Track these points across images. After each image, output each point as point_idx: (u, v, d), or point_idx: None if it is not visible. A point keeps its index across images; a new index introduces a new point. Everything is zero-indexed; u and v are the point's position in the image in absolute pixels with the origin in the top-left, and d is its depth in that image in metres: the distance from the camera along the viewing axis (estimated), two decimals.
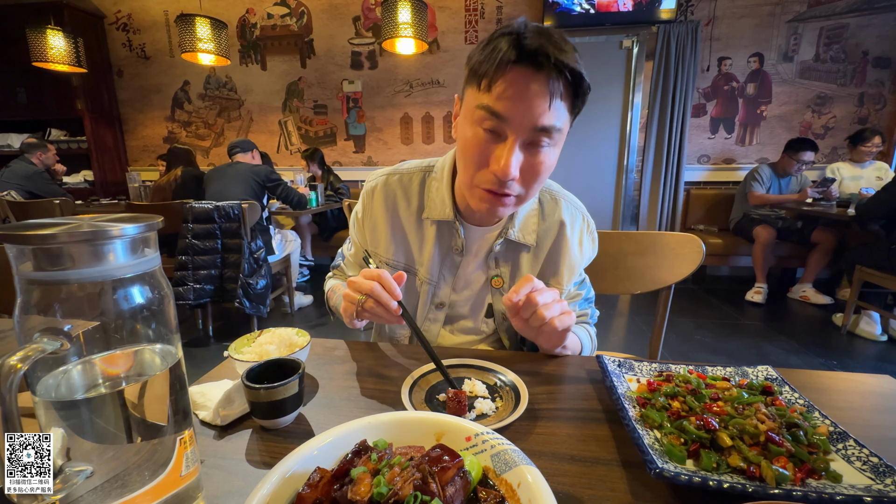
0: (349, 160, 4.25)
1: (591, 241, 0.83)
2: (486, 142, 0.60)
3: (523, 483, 0.34)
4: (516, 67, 0.55)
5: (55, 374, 0.30)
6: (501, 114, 0.57)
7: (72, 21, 3.88)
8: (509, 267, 0.79)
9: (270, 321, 2.78)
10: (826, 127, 3.50)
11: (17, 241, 0.27)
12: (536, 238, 0.78)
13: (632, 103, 3.75)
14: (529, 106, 0.56)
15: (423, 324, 0.84)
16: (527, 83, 0.55)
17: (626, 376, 0.61)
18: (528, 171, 0.61)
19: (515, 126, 0.58)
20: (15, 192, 3.06)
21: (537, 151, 0.60)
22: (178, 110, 4.40)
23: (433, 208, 0.76)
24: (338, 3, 3.94)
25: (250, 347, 0.65)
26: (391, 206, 0.79)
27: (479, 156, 0.61)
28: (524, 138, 0.59)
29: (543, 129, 0.58)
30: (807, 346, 2.40)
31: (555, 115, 0.57)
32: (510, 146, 0.58)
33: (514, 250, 0.79)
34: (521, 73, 0.55)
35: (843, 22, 3.33)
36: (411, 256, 0.81)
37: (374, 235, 0.81)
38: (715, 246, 3.31)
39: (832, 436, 0.46)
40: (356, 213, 0.85)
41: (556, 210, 0.79)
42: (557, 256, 0.79)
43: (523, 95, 0.56)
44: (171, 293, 0.35)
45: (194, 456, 0.37)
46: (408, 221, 0.79)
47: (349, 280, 0.63)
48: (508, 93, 0.56)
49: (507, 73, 0.56)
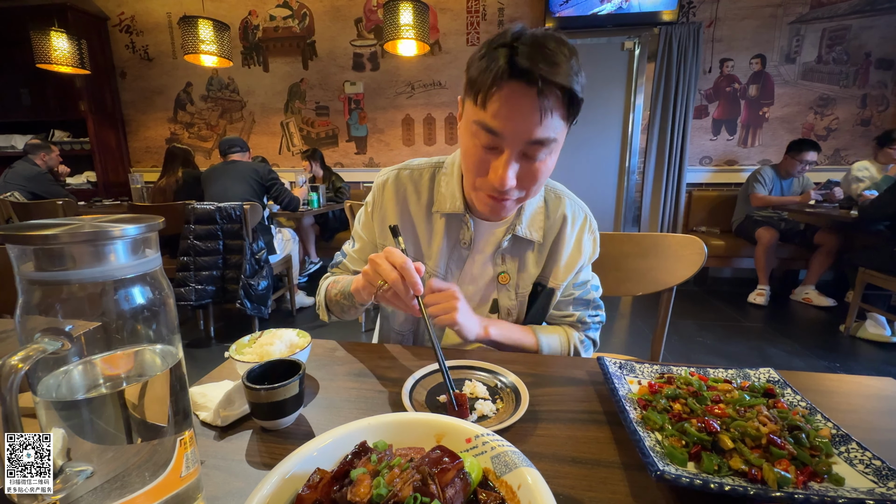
0: (351, 161, 4.26)
1: (591, 241, 0.83)
2: (484, 153, 0.62)
3: (524, 485, 0.33)
4: (509, 83, 0.56)
5: (56, 375, 0.30)
6: (496, 130, 0.59)
7: (75, 23, 3.90)
8: (516, 263, 0.80)
9: (271, 322, 2.79)
10: (829, 129, 3.49)
11: (18, 241, 0.28)
12: (543, 234, 0.79)
13: (633, 105, 3.75)
14: (522, 122, 0.58)
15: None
16: (519, 100, 0.57)
17: (628, 378, 0.61)
18: (526, 178, 0.63)
19: (510, 141, 0.59)
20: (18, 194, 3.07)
21: (534, 159, 0.62)
22: (181, 112, 4.42)
23: (443, 202, 0.78)
24: (340, 5, 3.95)
25: (251, 348, 0.65)
26: (402, 200, 0.81)
27: (478, 165, 0.64)
28: (519, 150, 0.60)
29: (538, 142, 0.59)
30: (809, 348, 2.39)
31: (548, 127, 0.58)
32: (506, 159, 0.60)
33: (520, 246, 0.80)
34: (513, 90, 0.56)
35: (846, 23, 3.32)
36: (420, 249, 0.82)
37: (384, 228, 0.82)
38: (717, 248, 3.30)
39: (835, 439, 0.46)
40: (366, 206, 0.86)
41: (560, 207, 0.81)
42: (556, 253, 0.80)
43: (516, 112, 0.57)
44: (172, 294, 0.35)
45: (194, 457, 0.37)
46: (417, 215, 0.81)
47: (373, 258, 0.63)
48: (502, 111, 0.57)
49: (501, 90, 0.57)
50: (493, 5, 3.73)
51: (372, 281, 0.64)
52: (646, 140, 3.71)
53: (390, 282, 0.60)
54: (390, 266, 0.61)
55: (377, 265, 0.62)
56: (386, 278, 0.61)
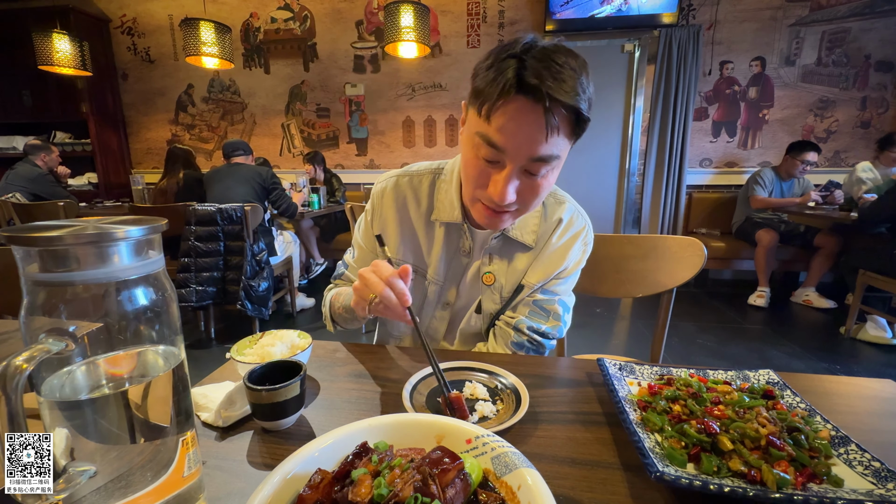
0: (351, 163, 4.27)
1: (581, 250, 0.81)
2: (485, 166, 0.61)
3: (523, 486, 0.34)
4: (516, 98, 0.55)
5: (60, 375, 0.30)
6: (499, 145, 0.58)
7: (77, 25, 3.91)
8: (505, 264, 0.79)
9: (272, 323, 2.79)
10: (828, 131, 3.50)
11: (23, 242, 0.28)
12: (535, 239, 0.78)
13: (633, 107, 3.76)
14: (527, 138, 0.57)
15: (430, 323, 0.84)
16: (525, 116, 0.55)
17: (627, 380, 0.61)
18: (525, 193, 0.63)
19: (512, 157, 0.58)
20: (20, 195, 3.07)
21: (535, 176, 0.61)
22: (182, 113, 4.43)
23: (442, 210, 0.77)
24: (341, 8, 3.96)
25: (252, 349, 0.65)
26: (401, 207, 0.80)
27: (478, 177, 0.63)
28: (521, 165, 0.60)
29: (541, 159, 0.58)
30: (810, 350, 2.38)
31: (552, 145, 0.58)
32: (507, 174, 0.59)
33: (510, 248, 0.79)
34: (519, 106, 0.55)
35: (846, 26, 3.33)
36: (420, 257, 0.81)
37: (384, 236, 0.81)
38: (717, 249, 3.30)
39: (834, 440, 0.46)
40: (365, 214, 0.85)
41: (558, 211, 0.79)
42: (542, 253, 0.79)
43: (520, 128, 0.56)
44: (175, 295, 0.36)
45: (196, 457, 0.37)
46: (417, 222, 0.80)
47: (361, 273, 0.61)
48: (507, 126, 0.56)
49: (507, 105, 0.56)
50: (494, 8, 3.75)
51: (363, 296, 0.62)
52: (646, 142, 3.72)
53: (379, 296, 0.58)
54: (377, 279, 0.59)
55: (365, 280, 0.60)
56: (374, 292, 0.59)
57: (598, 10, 3.48)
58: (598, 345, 2.52)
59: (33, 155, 3.29)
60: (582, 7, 3.49)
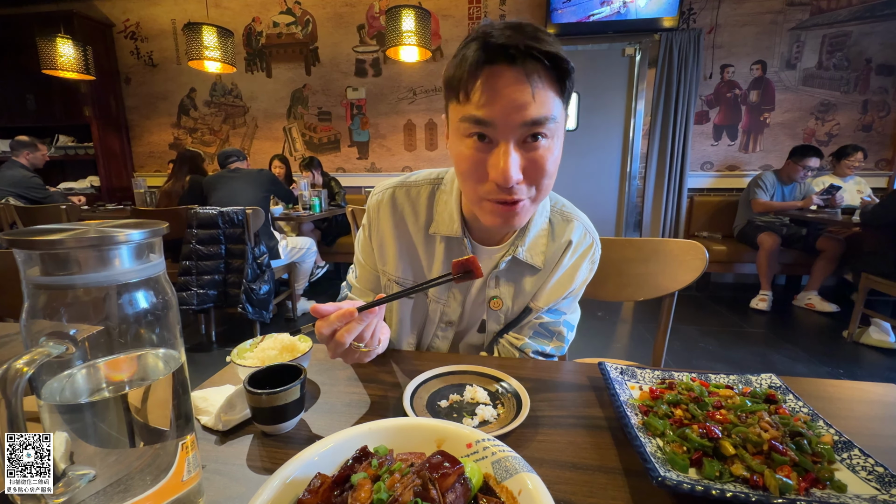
0: (353, 167, 4.28)
1: (589, 268, 0.78)
2: (479, 152, 0.56)
3: (524, 490, 0.33)
4: (489, 68, 0.52)
5: (60, 378, 0.31)
6: (486, 119, 0.53)
7: (81, 29, 3.94)
8: (512, 288, 0.76)
9: (273, 327, 2.79)
10: (830, 134, 3.49)
11: (25, 246, 0.28)
12: (544, 260, 0.74)
13: (635, 110, 3.76)
14: (512, 103, 0.52)
15: (432, 342, 0.83)
16: (502, 79, 0.52)
17: (629, 384, 0.60)
18: (531, 169, 0.56)
19: (503, 128, 0.53)
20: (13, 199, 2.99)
21: (535, 146, 0.55)
22: (185, 117, 4.45)
23: (441, 223, 0.73)
24: (342, 12, 3.99)
25: (252, 353, 0.65)
26: (399, 221, 0.76)
27: (475, 169, 0.57)
28: (517, 137, 0.54)
29: (534, 123, 0.53)
30: (812, 354, 2.37)
31: (542, 105, 0.53)
32: (504, 150, 0.54)
33: (519, 271, 0.75)
34: (494, 72, 0.52)
35: (846, 30, 3.33)
36: (420, 273, 0.78)
37: (383, 252, 0.78)
38: (719, 253, 3.29)
39: (837, 445, 0.45)
40: (363, 229, 0.81)
41: (567, 231, 0.75)
42: (551, 276, 0.76)
43: (502, 94, 0.52)
44: (175, 298, 0.36)
45: (196, 461, 0.37)
46: (416, 236, 0.76)
47: (316, 326, 0.54)
48: (487, 96, 0.52)
49: (481, 77, 0.52)
50: (495, 12, 3.76)
51: (342, 357, 0.57)
52: (647, 145, 3.72)
53: (333, 355, 0.55)
54: (329, 346, 0.54)
55: (320, 334, 0.54)
56: (334, 357, 0.55)
57: (597, 10, 3.48)
58: (600, 348, 2.51)
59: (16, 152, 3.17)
60: (582, 6, 3.50)
